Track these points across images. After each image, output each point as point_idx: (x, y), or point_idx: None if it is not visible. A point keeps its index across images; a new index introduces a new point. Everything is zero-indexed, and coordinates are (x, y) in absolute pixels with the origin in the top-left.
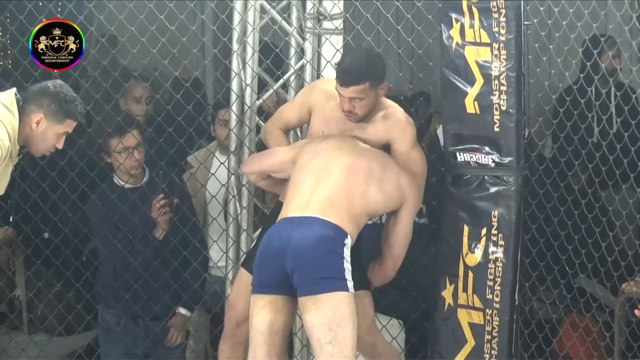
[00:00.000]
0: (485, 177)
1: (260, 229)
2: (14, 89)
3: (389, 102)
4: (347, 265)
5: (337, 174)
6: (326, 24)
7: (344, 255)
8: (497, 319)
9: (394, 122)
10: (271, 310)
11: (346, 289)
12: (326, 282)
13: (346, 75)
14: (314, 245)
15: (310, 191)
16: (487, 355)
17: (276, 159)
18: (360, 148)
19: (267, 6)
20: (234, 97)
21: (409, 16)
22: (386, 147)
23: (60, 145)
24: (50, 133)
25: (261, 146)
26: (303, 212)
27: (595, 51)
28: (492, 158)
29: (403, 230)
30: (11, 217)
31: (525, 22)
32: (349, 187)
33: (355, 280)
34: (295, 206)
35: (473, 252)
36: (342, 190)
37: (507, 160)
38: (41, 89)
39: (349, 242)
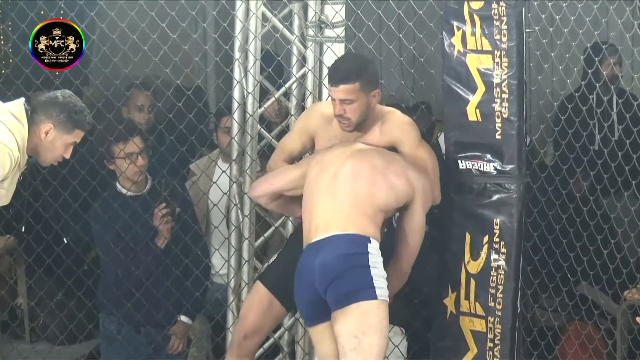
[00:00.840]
0: (487, 184)
1: (262, 238)
2: (23, 99)
3: (387, 108)
4: (376, 272)
5: (343, 183)
6: (328, 32)
7: (369, 263)
8: (499, 326)
9: (394, 124)
10: (329, 338)
11: (374, 297)
12: (353, 294)
13: (335, 73)
14: (337, 264)
15: (322, 210)
16: None
17: (287, 177)
18: (363, 148)
19: (269, 14)
20: (235, 105)
21: (410, 24)
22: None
23: (67, 155)
24: (58, 143)
25: (262, 154)
26: (319, 235)
27: (596, 58)
28: (494, 166)
29: (417, 224)
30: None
31: (526, 30)
32: (356, 192)
33: None
34: (315, 229)
35: (475, 260)
36: (351, 198)
37: (508, 167)
38: (50, 99)
39: (373, 246)
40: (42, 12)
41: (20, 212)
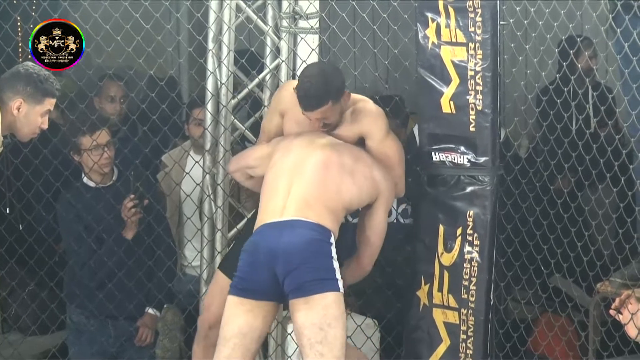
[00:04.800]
0: (461, 176)
1: (235, 229)
2: None
3: (358, 96)
4: (336, 264)
5: (310, 172)
6: (302, 23)
7: (332, 254)
8: (473, 318)
9: (364, 115)
10: (257, 316)
11: (337, 289)
12: (318, 283)
13: (307, 100)
14: (304, 248)
15: (286, 193)
16: (462, 355)
17: (254, 155)
18: (333, 142)
19: (243, 5)
20: (209, 95)
21: (384, 15)
22: (361, 143)
23: (45, 125)
24: (32, 115)
25: (235, 145)
26: (282, 216)
27: (571, 51)
28: (467, 158)
29: (379, 224)
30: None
31: (501, 22)
32: (323, 184)
33: None
34: (272, 210)
35: (448, 252)
36: (317, 188)
37: (482, 160)
38: (13, 74)
39: (333, 239)
40: (15, 2)
41: None
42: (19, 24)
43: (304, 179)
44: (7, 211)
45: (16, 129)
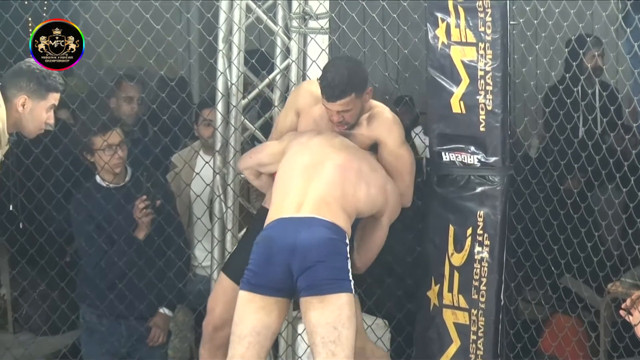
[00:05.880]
0: (471, 176)
1: (245, 229)
2: None
3: (375, 102)
4: (349, 265)
5: (330, 172)
6: (312, 24)
7: (347, 254)
8: (483, 319)
9: (381, 121)
10: (271, 313)
11: (350, 290)
12: (334, 283)
13: (331, 90)
14: (321, 246)
15: (303, 190)
16: (472, 356)
17: (267, 151)
18: (351, 146)
19: (253, 5)
20: (219, 96)
21: (394, 16)
22: (374, 149)
23: (51, 121)
24: (37, 111)
25: (245, 146)
26: (299, 213)
27: (581, 51)
28: (477, 158)
29: (380, 236)
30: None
31: (511, 22)
32: (341, 185)
33: None
34: (289, 206)
35: (459, 252)
36: (335, 189)
37: (492, 160)
38: (15, 71)
39: (347, 240)
40: (26, 3)
41: (3, 202)
42: (30, 24)
43: (322, 179)
44: (11, 208)
45: (22, 126)
